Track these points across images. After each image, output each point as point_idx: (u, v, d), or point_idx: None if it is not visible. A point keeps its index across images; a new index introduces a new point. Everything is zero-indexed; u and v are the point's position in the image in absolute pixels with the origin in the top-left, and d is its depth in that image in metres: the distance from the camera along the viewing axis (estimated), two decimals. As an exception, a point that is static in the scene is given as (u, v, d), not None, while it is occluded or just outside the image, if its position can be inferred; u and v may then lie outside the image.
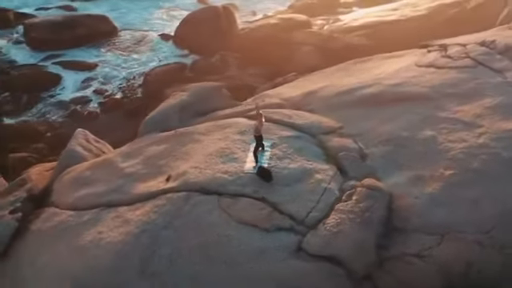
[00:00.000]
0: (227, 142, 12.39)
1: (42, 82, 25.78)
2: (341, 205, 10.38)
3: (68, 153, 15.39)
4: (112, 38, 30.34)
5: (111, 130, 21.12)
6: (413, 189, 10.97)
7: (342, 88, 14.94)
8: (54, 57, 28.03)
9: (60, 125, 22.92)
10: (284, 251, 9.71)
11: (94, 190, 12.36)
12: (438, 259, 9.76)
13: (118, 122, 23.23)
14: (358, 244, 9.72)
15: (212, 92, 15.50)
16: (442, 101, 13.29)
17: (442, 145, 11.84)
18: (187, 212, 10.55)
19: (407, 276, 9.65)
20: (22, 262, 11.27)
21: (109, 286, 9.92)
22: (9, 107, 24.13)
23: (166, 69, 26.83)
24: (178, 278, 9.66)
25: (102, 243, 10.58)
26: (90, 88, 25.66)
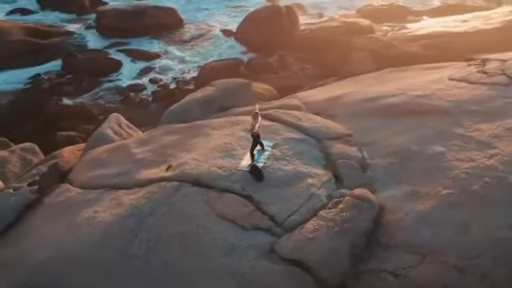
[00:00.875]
0: (232, 138, 12.56)
1: (104, 67, 27.20)
2: (324, 211, 10.21)
3: (97, 135, 16.22)
4: (177, 30, 31.43)
5: (157, 119, 21.96)
6: (405, 204, 10.57)
7: (367, 95, 14.63)
8: (119, 44, 29.47)
9: (113, 109, 24.05)
10: (256, 250, 9.71)
11: (105, 172, 12.95)
12: (414, 280, 9.34)
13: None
14: (330, 253, 9.52)
15: (239, 88, 15.69)
16: (462, 117, 12.66)
17: (448, 162, 11.30)
18: (174, 201, 10.82)
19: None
20: (27, 232, 12.02)
21: (92, 262, 10.40)
22: (69, 88, 25.69)
23: (222, 64, 27.38)
24: (152, 263, 9.95)
25: (93, 222, 11.10)
26: (146, 76, 26.74)
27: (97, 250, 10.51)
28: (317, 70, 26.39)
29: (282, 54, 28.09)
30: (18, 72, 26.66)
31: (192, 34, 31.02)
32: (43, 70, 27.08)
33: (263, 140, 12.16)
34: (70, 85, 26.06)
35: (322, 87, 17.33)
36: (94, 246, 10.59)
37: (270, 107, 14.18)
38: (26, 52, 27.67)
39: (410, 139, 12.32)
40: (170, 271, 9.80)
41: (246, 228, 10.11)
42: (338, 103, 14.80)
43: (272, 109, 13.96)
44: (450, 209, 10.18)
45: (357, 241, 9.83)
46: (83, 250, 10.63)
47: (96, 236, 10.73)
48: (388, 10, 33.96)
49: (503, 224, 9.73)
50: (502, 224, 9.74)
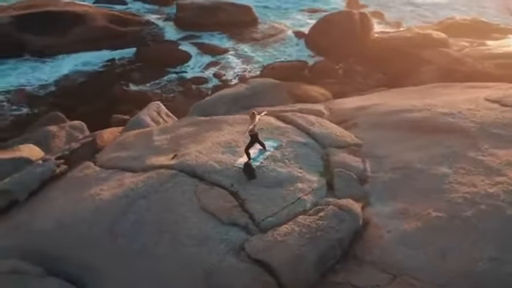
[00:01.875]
0: (241, 135, 12.71)
1: (173, 58, 28.29)
2: (302, 217, 10.12)
3: (135, 120, 17.07)
4: (250, 28, 31.92)
5: (213, 112, 22.61)
6: (391, 221, 10.22)
7: (394, 108, 14.19)
8: (192, 37, 30.50)
9: (172, 99, 25.04)
10: (227, 245, 9.83)
11: (122, 155, 13.62)
12: (378, 299, 9.10)
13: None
14: (295, 258, 9.43)
15: (270, 88, 15.82)
16: (481, 139, 11.97)
17: (448, 184, 10.76)
18: (167, 188, 11.20)
19: (343, 307, 9.21)
20: (43, 202, 12.92)
21: (84, 236, 11.03)
22: (137, 75, 26.99)
23: (286, 65, 27.50)
24: (132, 244, 10.39)
25: (95, 198, 11.74)
26: (211, 70, 27.46)
27: (88, 225, 11.11)
28: (380, 80, 25.73)
29: (350, 60, 27.66)
30: (96, 55, 28.46)
31: (264, 33, 31.40)
32: (118, 55, 28.67)
33: (268, 140, 12.27)
34: (138, 72, 27.40)
35: (362, 95, 16.98)
36: (88, 221, 11.20)
37: (291, 109, 14.17)
38: (106, 37, 29.45)
39: (419, 157, 11.86)
40: (145, 253, 10.19)
41: (224, 222, 10.27)
42: (364, 112, 14.50)
43: (292, 111, 13.95)
44: (434, 232, 9.73)
45: (328, 251, 9.67)
46: (79, 223, 11.27)
47: (91, 212, 11.36)
48: (470, 25, 32.21)
49: (485, 256, 9.14)
50: (484, 256, 9.14)
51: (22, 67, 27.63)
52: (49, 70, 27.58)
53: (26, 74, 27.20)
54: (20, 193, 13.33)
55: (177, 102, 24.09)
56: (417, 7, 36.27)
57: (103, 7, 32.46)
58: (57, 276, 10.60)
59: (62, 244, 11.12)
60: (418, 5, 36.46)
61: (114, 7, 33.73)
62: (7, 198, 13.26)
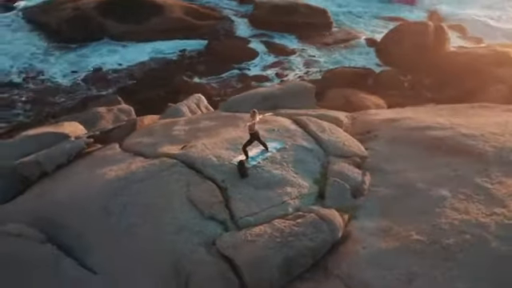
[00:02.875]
0: (234, 130, 12.78)
1: (240, 54, 28.78)
2: (279, 220, 10.07)
3: (173, 109, 17.70)
4: (323, 31, 31.66)
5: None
6: (370, 238, 9.90)
7: (419, 124, 13.62)
8: (263, 36, 30.85)
9: (230, 94, 25.49)
10: (201, 238, 10.04)
11: (143, 140, 14.20)
12: (335, 313, 8.90)
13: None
14: (260, 260, 9.41)
15: (302, 92, 15.73)
16: (495, 166, 11.25)
17: (441, 208, 10.22)
18: (163, 176, 11.59)
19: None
20: (65, 175, 13.78)
21: (85, 210, 11.62)
22: (202, 68, 27.79)
23: (350, 71, 27.03)
24: (120, 222, 10.88)
25: (103, 177, 12.38)
26: (274, 70, 27.65)
27: (90, 201, 11.73)
28: (444, 94, 24.56)
29: (418, 72, 26.65)
30: (170, 45, 29.62)
31: (336, 37, 30.99)
32: (190, 47, 29.62)
33: (272, 142, 12.30)
34: (204, 64, 28.17)
35: (399, 108, 16.42)
36: (90, 197, 11.85)
37: (310, 114, 14.04)
38: (181, 29, 30.56)
39: (425, 176, 11.36)
40: (130, 233, 10.63)
41: (204, 216, 10.48)
42: (389, 125, 14.05)
43: (309, 116, 13.83)
44: (408, 255, 9.31)
45: (296, 258, 9.55)
46: (83, 198, 11.96)
47: (95, 189, 12.00)
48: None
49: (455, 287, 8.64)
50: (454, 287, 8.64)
51: (100, 50, 29.37)
52: (125, 55, 29.07)
53: (103, 57, 28.87)
54: (48, 165, 14.34)
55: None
56: (504, 24, 34.11)
57: (185, 0, 33.63)
58: (54, 244, 11.37)
59: (67, 215, 11.83)
60: (505, 22, 34.30)
61: (196, 0, 34.82)
62: (38, 168, 14.33)
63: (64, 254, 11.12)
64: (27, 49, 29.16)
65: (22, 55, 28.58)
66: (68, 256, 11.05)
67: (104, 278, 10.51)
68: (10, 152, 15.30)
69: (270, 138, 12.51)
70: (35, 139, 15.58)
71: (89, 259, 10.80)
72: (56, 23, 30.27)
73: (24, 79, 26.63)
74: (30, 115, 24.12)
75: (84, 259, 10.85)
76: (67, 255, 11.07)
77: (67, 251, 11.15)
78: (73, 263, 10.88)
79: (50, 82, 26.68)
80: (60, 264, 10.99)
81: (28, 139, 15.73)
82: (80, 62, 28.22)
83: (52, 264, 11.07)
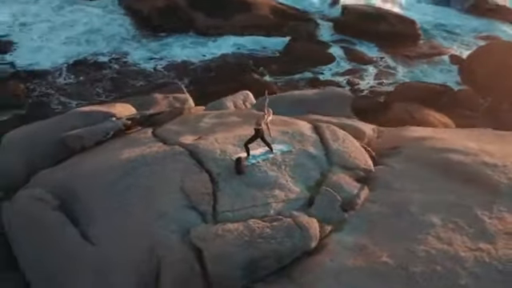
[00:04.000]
0: (250, 128, 12.74)
1: (317, 58, 28.62)
2: (254, 221, 10.11)
3: (218, 102, 18.15)
4: (408, 43, 30.52)
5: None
6: (342, 253, 9.66)
7: (446, 146, 12.82)
8: (344, 42, 30.44)
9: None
10: (178, 225, 10.33)
11: (174, 128, 14.74)
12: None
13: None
14: (224, 256, 9.56)
15: (338, 99, 15.46)
16: (503, 200, 10.45)
17: (425, 235, 9.72)
18: (167, 162, 12.04)
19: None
20: (99, 150, 14.73)
21: (98, 185, 12.41)
22: (276, 67, 28.03)
23: (425, 86, 25.81)
24: (121, 201, 11.47)
25: (120, 157, 13.05)
26: (347, 77, 27.20)
27: (104, 177, 12.52)
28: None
29: (500, 95, 24.85)
30: (252, 40, 30.18)
31: (420, 51, 29.64)
32: (270, 44, 29.99)
33: (281, 144, 12.32)
34: (278, 64, 28.30)
35: (440, 128, 15.59)
36: (105, 174, 12.63)
37: (332, 122, 13.81)
38: (265, 27, 30.98)
39: (425, 199, 10.85)
40: (125, 213, 11.24)
41: (189, 205, 10.79)
42: (418, 144, 13.45)
43: (332, 123, 13.60)
44: (369, 277, 9.02)
45: (261, 260, 9.57)
46: (100, 174, 12.72)
47: (112, 167, 12.75)
48: None
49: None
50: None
51: (185, 41, 30.63)
52: (206, 49, 30.07)
53: (186, 48, 30.10)
54: (87, 140, 15.39)
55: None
56: None
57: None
58: (64, 211, 12.29)
59: (80, 188, 12.68)
60: None
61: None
62: (79, 142, 15.43)
63: (70, 223, 12.02)
64: (118, 32, 31.17)
65: (113, 37, 30.60)
66: (73, 225, 11.95)
67: (97, 250, 11.21)
68: (63, 124, 16.64)
69: (280, 140, 12.51)
70: (85, 115, 16.75)
71: (90, 231, 11.56)
72: (148, 11, 32.05)
73: (110, 60, 28.52)
74: (109, 95, 25.82)
75: (86, 230, 11.64)
76: (73, 224, 11.97)
77: (73, 220, 12.03)
78: (75, 232, 11.72)
79: (133, 65, 28.32)
80: (65, 231, 11.90)
81: (79, 115, 16.96)
82: (163, 50, 29.63)
83: (59, 230, 12.05)
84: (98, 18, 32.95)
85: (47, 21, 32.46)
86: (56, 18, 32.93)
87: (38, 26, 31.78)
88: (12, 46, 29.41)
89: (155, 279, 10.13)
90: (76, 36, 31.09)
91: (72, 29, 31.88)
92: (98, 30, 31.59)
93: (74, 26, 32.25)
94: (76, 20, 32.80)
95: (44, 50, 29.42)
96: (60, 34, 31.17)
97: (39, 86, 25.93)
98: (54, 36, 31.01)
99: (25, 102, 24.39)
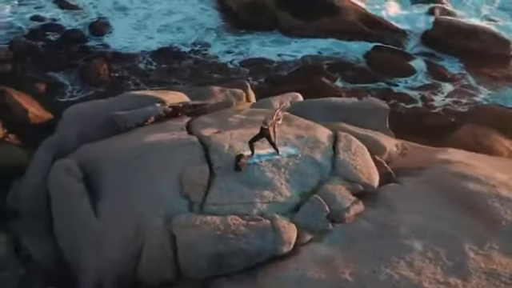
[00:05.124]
0: (280, 134, 12.78)
1: (396, 69, 27.54)
2: (233, 217, 10.27)
3: (264, 100, 18.24)
4: (498, 64, 28.48)
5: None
6: (309, 263, 9.56)
7: (468, 173, 11.99)
8: (429, 55, 28.95)
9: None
10: (166, 211, 10.78)
11: (204, 120, 15.02)
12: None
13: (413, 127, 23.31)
14: (192, 246, 9.94)
15: (374, 110, 14.90)
16: (499, 238, 9.79)
17: (399, 259, 9.34)
18: (178, 150, 12.44)
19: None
20: (135, 132, 15.36)
21: (112, 165, 13.07)
22: (351, 74, 27.43)
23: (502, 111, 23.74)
24: (127, 181, 12.16)
25: (144, 140, 13.61)
26: (422, 92, 26.05)
27: (124, 155, 13.22)
28: None
29: None
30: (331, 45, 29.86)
31: (509, 74, 27.56)
32: (350, 51, 29.46)
33: (290, 147, 12.28)
34: (354, 71, 27.47)
35: (482, 155, 14.52)
36: (125, 153, 13.35)
37: (354, 132, 13.45)
38: (349, 32, 30.38)
39: (419, 223, 10.43)
40: (128, 192, 11.91)
41: (182, 193, 11.15)
42: (439, 167, 12.70)
43: (353, 133, 13.27)
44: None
45: (228, 256, 9.75)
46: (118, 155, 13.45)
47: (130, 149, 13.43)
48: None
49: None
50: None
51: (266, 39, 30.93)
52: (286, 49, 30.12)
53: (269, 47, 30.35)
54: (130, 122, 16.27)
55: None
56: None
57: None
58: (85, 183, 13.15)
59: (106, 164, 13.52)
60: None
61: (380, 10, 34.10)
62: (123, 123, 16.36)
63: (87, 195, 12.87)
64: (206, 23, 32.17)
65: (199, 29, 31.66)
66: (90, 197, 12.78)
67: (98, 223, 12.00)
68: (116, 104, 17.71)
69: (292, 143, 12.46)
70: (137, 98, 17.64)
71: (99, 205, 12.37)
72: (236, 6, 32.79)
73: (191, 51, 29.60)
74: (184, 84, 26.86)
75: (96, 204, 12.45)
76: (90, 197, 12.80)
77: (92, 193, 12.87)
78: (88, 205, 12.53)
79: (212, 57, 29.16)
80: (81, 202, 12.75)
81: (132, 97, 17.94)
82: (244, 46, 30.14)
83: (77, 201, 12.94)
84: (191, 9, 34.18)
85: (144, 8, 34.33)
86: (153, 6, 34.73)
87: (135, 12, 33.74)
88: (108, 28, 31.39)
89: (137, 258, 10.66)
90: (168, 24, 32.52)
91: (166, 17, 33.40)
92: (187, 21, 32.63)
93: (169, 14, 33.78)
94: (171, 9, 34.32)
95: (136, 36, 31.16)
96: (154, 22, 32.82)
97: (122, 68, 27.49)
98: (148, 22, 32.74)
99: (105, 81, 26.07)
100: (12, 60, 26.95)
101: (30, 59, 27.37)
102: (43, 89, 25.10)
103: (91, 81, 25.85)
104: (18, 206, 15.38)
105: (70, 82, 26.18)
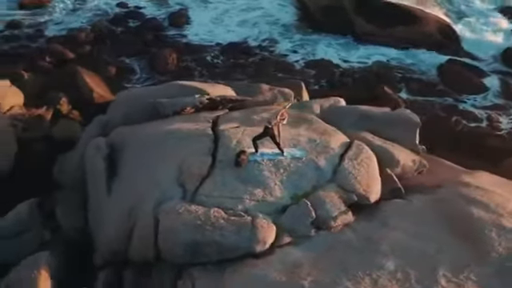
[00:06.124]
0: (295, 135, 12.89)
1: (467, 85, 26.22)
2: (215, 209, 10.48)
3: (303, 103, 18.32)
4: None
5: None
6: (277, 265, 9.65)
7: (479, 198, 11.37)
8: (505, 74, 27.34)
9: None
10: (160, 196, 11.22)
11: (233, 115, 15.34)
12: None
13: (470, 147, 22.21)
14: (171, 233, 10.30)
15: (404, 123, 14.31)
16: (482, 268, 9.34)
17: (366, 276, 9.24)
18: (192, 140, 12.85)
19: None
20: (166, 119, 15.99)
21: (134, 148, 13.76)
22: (416, 86, 26.38)
23: None
24: (138, 164, 12.85)
25: (168, 128, 14.19)
26: (490, 112, 24.57)
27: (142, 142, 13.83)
28: None
29: None
30: (402, 55, 28.78)
31: None
32: (421, 63, 28.25)
33: (296, 150, 12.25)
34: (421, 83, 26.21)
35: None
36: (145, 139, 13.92)
37: (371, 142, 13.11)
38: (425, 43, 29.25)
39: (401, 242, 10.21)
40: (136, 174, 12.56)
41: (178, 181, 11.51)
42: (455, 188, 12.16)
43: (369, 143, 12.96)
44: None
45: (203, 245, 10.02)
46: (141, 139, 14.08)
47: (153, 134, 14.03)
48: None
49: None
50: None
51: (339, 44, 30.57)
52: (359, 54, 29.48)
53: (339, 51, 29.84)
54: (168, 109, 16.95)
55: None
56: None
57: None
58: (108, 161, 13.87)
59: (130, 146, 14.18)
60: None
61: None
62: (163, 110, 17.09)
63: (108, 172, 13.61)
64: (280, 21, 32.25)
65: (273, 26, 31.73)
66: (109, 174, 13.52)
67: (108, 201, 12.68)
68: (163, 91, 18.46)
69: (301, 145, 12.41)
70: (182, 88, 18.20)
71: (113, 183, 13.07)
72: (313, 7, 32.63)
73: (259, 47, 29.87)
74: (246, 80, 27.16)
75: (112, 182, 13.16)
76: (109, 174, 13.54)
77: (111, 171, 13.60)
78: (105, 181, 13.29)
79: (278, 55, 29.22)
80: (101, 179, 13.54)
81: (178, 86, 18.53)
82: (313, 47, 29.82)
83: (99, 177, 13.73)
84: (269, 5, 34.26)
85: (225, 2, 35.02)
86: (234, 0, 35.29)
87: (215, 6, 34.54)
88: (186, 19, 32.32)
89: (128, 238, 11.19)
90: (246, 19, 32.84)
91: (244, 12, 33.77)
92: (264, 17, 32.68)
93: (247, 9, 34.15)
94: (250, 4, 34.73)
95: (214, 29, 31.87)
96: (232, 17, 33.36)
97: (190, 59, 28.22)
98: (226, 17, 33.33)
99: (172, 70, 26.98)
100: (91, 42, 28.38)
101: (108, 43, 28.72)
102: (113, 72, 26.27)
103: (159, 69, 26.68)
104: (61, 178, 16.56)
105: (139, 68, 27.29)
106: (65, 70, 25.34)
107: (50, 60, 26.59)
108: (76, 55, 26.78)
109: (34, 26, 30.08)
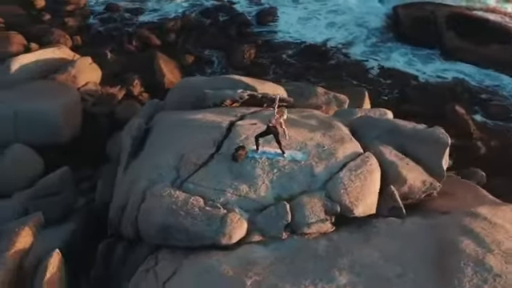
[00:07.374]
0: (307, 137, 12.85)
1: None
2: (194, 198, 10.84)
3: (348, 110, 17.87)
4: None
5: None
6: (232, 261, 9.76)
7: (476, 228, 10.63)
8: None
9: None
10: (154, 178, 11.81)
11: (265, 113, 15.49)
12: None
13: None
14: (150, 214, 10.80)
15: (432, 141, 13.31)
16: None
17: (313, 285, 9.04)
18: (206, 130, 13.21)
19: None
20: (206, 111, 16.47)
21: (159, 131, 14.40)
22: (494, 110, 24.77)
23: None
24: (154, 146, 13.44)
25: (194, 116, 14.62)
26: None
27: (171, 125, 14.40)
28: None
29: None
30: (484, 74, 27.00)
31: None
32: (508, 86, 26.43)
33: (299, 152, 12.16)
34: (500, 108, 24.14)
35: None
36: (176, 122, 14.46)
37: (384, 156, 12.65)
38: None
39: (367, 261, 9.92)
40: (149, 155, 13.20)
41: (175, 167, 11.95)
42: (460, 216, 11.45)
43: (380, 157, 12.54)
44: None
45: (173, 228, 10.46)
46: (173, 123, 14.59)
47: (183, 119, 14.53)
48: None
49: None
50: None
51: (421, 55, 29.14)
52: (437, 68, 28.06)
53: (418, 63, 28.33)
54: (210, 101, 17.50)
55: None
56: None
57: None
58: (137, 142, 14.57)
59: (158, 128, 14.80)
60: None
61: None
62: (208, 101, 17.72)
63: (134, 150, 14.27)
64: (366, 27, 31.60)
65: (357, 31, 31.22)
66: (133, 152, 14.23)
67: (123, 177, 13.43)
68: (215, 83, 19.04)
69: (306, 149, 12.31)
70: (231, 82, 18.66)
71: (132, 161, 13.80)
72: (405, 17, 31.28)
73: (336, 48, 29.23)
74: (315, 83, 26.74)
75: (133, 160, 13.90)
76: (133, 152, 14.26)
77: (137, 150, 14.32)
78: (127, 158, 14.05)
79: (355, 62, 28.18)
80: (125, 154, 14.36)
81: (227, 80, 18.91)
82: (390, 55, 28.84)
83: (125, 153, 14.49)
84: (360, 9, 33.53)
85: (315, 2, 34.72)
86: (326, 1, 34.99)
87: (304, 6, 34.32)
88: (274, 17, 32.46)
89: (122, 212, 11.86)
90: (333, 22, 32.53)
91: (332, 14, 33.30)
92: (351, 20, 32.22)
93: (336, 11, 33.67)
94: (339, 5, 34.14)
95: (300, 29, 31.96)
96: (320, 18, 33.10)
97: (267, 56, 28.63)
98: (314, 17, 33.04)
99: (246, 65, 27.44)
100: (177, 31, 29.64)
101: (193, 33, 29.77)
102: (190, 61, 27.34)
103: (234, 63, 27.29)
104: (111, 153, 17.78)
105: (217, 60, 28.13)
106: (146, 54, 26.87)
107: (135, 44, 28.25)
108: (161, 42, 28.20)
109: (131, 10, 32.13)
